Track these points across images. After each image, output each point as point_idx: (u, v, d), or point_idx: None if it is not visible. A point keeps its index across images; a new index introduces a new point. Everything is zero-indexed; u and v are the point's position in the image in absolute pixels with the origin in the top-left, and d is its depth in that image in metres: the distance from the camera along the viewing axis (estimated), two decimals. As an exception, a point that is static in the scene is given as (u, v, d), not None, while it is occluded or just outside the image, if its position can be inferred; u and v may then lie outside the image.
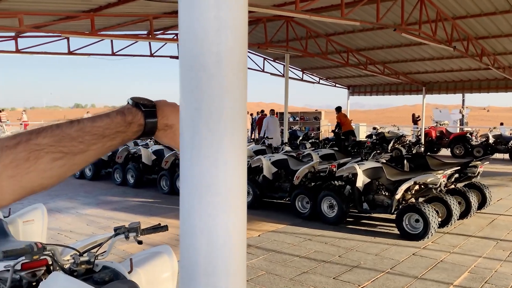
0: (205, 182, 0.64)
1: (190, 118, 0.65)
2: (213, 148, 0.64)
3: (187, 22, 0.64)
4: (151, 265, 2.65)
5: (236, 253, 0.67)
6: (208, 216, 0.64)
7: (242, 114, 0.66)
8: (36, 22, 8.59)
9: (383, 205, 6.88)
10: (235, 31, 0.63)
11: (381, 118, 69.57)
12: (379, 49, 13.88)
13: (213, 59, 0.63)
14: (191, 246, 0.66)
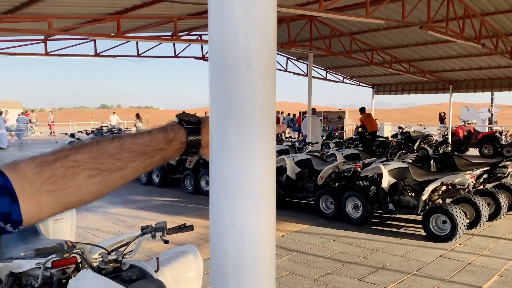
0: (234, 184, 0.65)
1: (220, 121, 0.65)
2: (243, 151, 0.64)
3: (216, 26, 0.64)
4: (177, 264, 2.68)
5: (265, 255, 0.67)
6: (237, 217, 0.65)
7: (271, 117, 0.67)
8: (64, 25, 8.81)
9: (409, 206, 6.77)
10: (264, 34, 0.64)
11: (407, 117, 68.38)
12: (404, 47, 13.66)
13: (243, 62, 0.63)
14: (221, 247, 0.66)
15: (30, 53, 10.55)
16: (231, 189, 0.65)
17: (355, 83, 20.02)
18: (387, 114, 73.24)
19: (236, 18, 0.62)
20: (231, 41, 0.63)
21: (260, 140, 0.65)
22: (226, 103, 0.64)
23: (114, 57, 12.12)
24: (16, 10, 7.15)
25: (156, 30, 11.00)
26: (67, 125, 34.27)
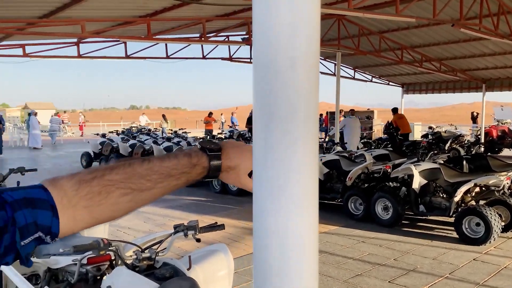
0: (278, 184, 0.65)
1: (264, 122, 0.66)
2: (287, 151, 0.65)
3: (261, 28, 0.65)
4: (208, 262, 2.71)
5: (308, 255, 0.68)
6: (281, 217, 0.66)
7: (314, 118, 0.67)
8: (96, 28, 9.03)
9: (440, 207, 6.63)
10: (308, 35, 0.64)
11: (437, 117, 66.88)
12: (435, 46, 13.37)
13: (287, 64, 0.64)
14: (264, 247, 0.67)
15: (64, 56, 10.87)
16: (275, 189, 0.66)
17: (384, 82, 19.73)
18: (416, 114, 71.83)
19: (281, 20, 0.63)
20: (276, 43, 0.64)
21: (303, 141, 0.65)
22: (270, 104, 0.65)
23: (144, 59, 12.35)
24: (51, 14, 7.38)
25: (184, 32, 11.14)
26: (98, 125, 35.12)
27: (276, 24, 0.63)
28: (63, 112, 39.94)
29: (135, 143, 12.63)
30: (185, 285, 2.24)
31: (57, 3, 6.82)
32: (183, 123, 34.90)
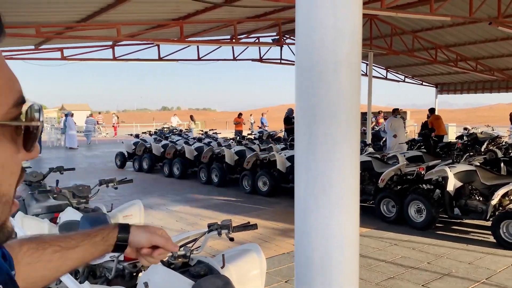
0: (321, 184, 0.68)
1: (306, 123, 0.68)
2: (329, 152, 0.67)
3: (305, 32, 0.68)
4: (241, 262, 2.74)
5: (350, 252, 0.69)
6: (323, 216, 0.68)
7: (356, 119, 0.69)
8: (131, 32, 9.26)
9: (476, 210, 6.45)
10: (351, 39, 0.66)
11: (472, 117, 64.82)
12: (471, 45, 13.00)
13: (330, 67, 0.66)
14: (307, 244, 0.70)
15: (100, 59, 11.20)
16: (317, 189, 0.68)
17: (417, 82, 19.35)
18: (451, 114, 69.90)
19: (325, 24, 0.65)
20: (319, 46, 0.66)
21: (345, 143, 0.67)
22: (313, 105, 0.67)
23: (176, 61, 12.56)
24: (88, 18, 7.63)
25: (215, 34, 11.27)
26: (131, 126, 35.91)
27: (319, 28, 0.66)
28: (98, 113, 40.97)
29: (167, 144, 12.86)
30: (219, 283, 2.28)
31: (94, 7, 7.05)
32: (212, 124, 35.22)
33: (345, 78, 0.66)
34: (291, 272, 5.02)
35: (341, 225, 0.68)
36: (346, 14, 0.66)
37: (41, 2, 6.20)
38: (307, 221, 0.70)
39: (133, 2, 6.60)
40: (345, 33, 0.66)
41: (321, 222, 0.68)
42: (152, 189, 10.29)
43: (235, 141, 12.69)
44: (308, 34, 0.68)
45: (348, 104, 0.66)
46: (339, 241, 0.68)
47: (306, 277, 0.70)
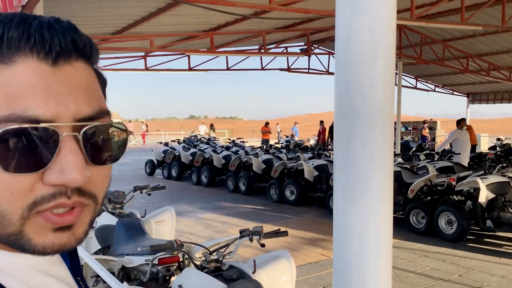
0: (358, 188, 0.75)
1: (345, 135, 0.76)
2: (366, 160, 0.74)
3: (344, 50, 0.76)
4: (271, 268, 2.81)
5: (384, 250, 0.76)
6: (360, 218, 0.75)
7: (390, 131, 0.76)
8: (163, 43, 9.53)
9: (510, 223, 6.30)
10: (386, 58, 0.74)
11: (506, 128, 62.87)
12: (504, 53, 12.74)
13: (367, 83, 0.73)
14: (344, 243, 0.77)
15: (132, 69, 11.54)
16: (355, 192, 0.75)
17: (448, 91, 19.02)
18: (483, 124, 68.05)
19: (363, 45, 0.73)
20: (357, 64, 0.74)
21: (381, 152, 0.75)
22: (351, 118, 0.75)
23: (206, 71, 12.80)
24: (123, 30, 7.92)
25: (244, 44, 11.45)
26: (160, 134, 36.56)
27: (358, 47, 0.74)
28: (128, 122, 41.87)
29: (196, 152, 13.06)
30: (251, 286, 2.36)
31: (129, 20, 7.32)
32: (239, 133, 35.48)
33: (381, 93, 0.73)
34: (318, 281, 5.03)
35: (376, 226, 0.75)
36: (383, 34, 0.73)
37: (79, 16, 6.51)
38: (344, 221, 0.77)
39: (167, 14, 6.83)
40: (381, 52, 0.73)
41: (357, 222, 0.75)
42: (181, 197, 10.47)
43: (262, 150, 12.77)
44: (347, 52, 0.75)
45: (383, 117, 0.73)
46: (374, 241, 0.75)
47: (343, 273, 0.77)
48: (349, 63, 0.72)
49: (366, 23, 0.70)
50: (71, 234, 0.53)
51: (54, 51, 0.49)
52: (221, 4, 4.73)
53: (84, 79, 0.53)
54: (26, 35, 0.49)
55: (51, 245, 0.52)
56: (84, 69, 0.53)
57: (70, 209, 0.52)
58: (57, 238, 0.52)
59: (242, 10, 6.86)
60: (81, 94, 0.51)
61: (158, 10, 6.69)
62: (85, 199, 0.53)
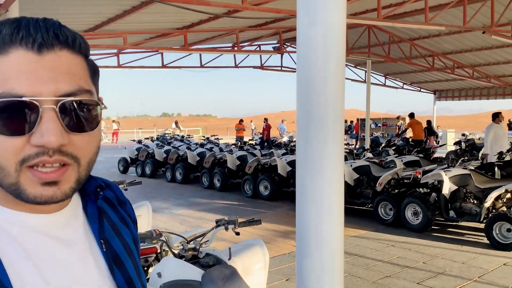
0: (315, 166, 0.92)
1: (304, 123, 0.93)
2: (321, 143, 0.91)
3: (303, 56, 0.92)
4: (246, 255, 2.97)
5: (336, 216, 0.93)
6: (316, 189, 0.92)
7: (341, 119, 0.93)
8: (136, 40, 9.54)
9: (471, 213, 6.67)
10: (337, 60, 0.91)
11: (473, 124, 65.14)
12: (467, 52, 13.29)
13: (322, 82, 0.90)
14: (304, 211, 0.94)
15: (105, 66, 11.48)
16: (313, 170, 0.92)
17: (416, 89, 19.62)
18: (451, 120, 70.19)
19: (318, 50, 0.89)
20: (314, 66, 0.91)
21: (333, 137, 0.92)
22: (309, 110, 0.92)
23: (179, 68, 12.84)
24: (96, 28, 7.91)
25: (218, 42, 11.55)
26: (132, 132, 36.17)
27: (313, 51, 0.90)
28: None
29: (170, 149, 13.10)
30: (227, 271, 2.51)
31: (102, 18, 7.33)
32: (214, 130, 35.50)
33: (333, 89, 0.90)
34: (291, 271, 5.23)
35: (330, 197, 0.92)
36: (333, 43, 0.90)
37: (51, 14, 6.48)
38: (304, 195, 0.94)
39: (140, 12, 6.88)
40: (333, 57, 0.90)
41: (315, 194, 0.91)
42: (155, 194, 10.51)
43: (236, 147, 12.93)
44: (305, 57, 0.92)
45: (334, 108, 0.90)
46: (328, 208, 0.92)
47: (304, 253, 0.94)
48: (307, 65, 0.89)
49: (320, 32, 0.86)
50: (57, 189, 0.67)
51: (37, 42, 0.63)
52: (195, 3, 4.85)
53: (66, 64, 0.66)
54: (16, 31, 0.63)
55: (40, 195, 0.66)
56: (67, 57, 0.66)
57: (57, 169, 0.66)
58: (45, 190, 0.66)
59: (215, 9, 6.99)
60: (61, 76, 0.65)
61: (132, 8, 6.74)
62: (67, 159, 0.66)
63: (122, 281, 0.79)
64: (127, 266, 0.82)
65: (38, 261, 0.70)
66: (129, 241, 0.85)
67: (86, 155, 0.71)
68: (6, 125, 0.63)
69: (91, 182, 0.85)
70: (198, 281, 2.46)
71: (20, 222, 0.71)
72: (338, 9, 0.86)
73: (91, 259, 0.77)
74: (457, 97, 19.27)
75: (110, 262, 0.80)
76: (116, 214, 0.87)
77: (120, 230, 0.85)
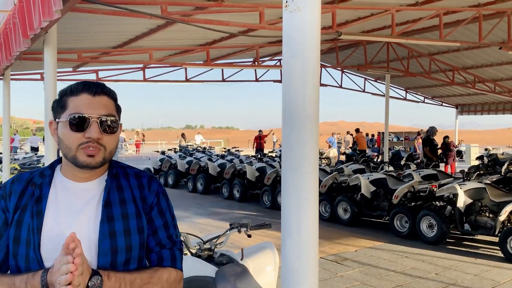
0: (294, 166, 1.18)
1: (287, 134, 1.19)
2: (300, 148, 1.17)
3: (286, 81, 1.19)
4: (257, 257, 3.21)
5: (311, 204, 1.19)
6: (296, 184, 1.18)
7: (315, 131, 1.19)
8: (161, 56, 9.99)
9: (486, 226, 6.73)
10: (312, 85, 1.17)
11: (500, 139, 63.65)
12: (488, 67, 13.29)
13: (300, 101, 1.17)
14: (286, 203, 1.20)
15: (131, 80, 12.00)
16: (293, 169, 1.18)
17: (437, 103, 19.56)
18: (476, 135, 68.78)
19: (297, 77, 1.16)
20: (294, 89, 1.18)
21: (309, 144, 1.18)
22: (290, 124, 1.18)
23: (202, 82, 13.27)
24: (124, 44, 8.38)
25: (239, 57, 11.93)
26: (156, 144, 36.91)
27: (293, 78, 1.17)
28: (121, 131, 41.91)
29: (192, 160, 13.47)
30: (238, 269, 2.77)
31: (130, 35, 7.79)
32: (236, 142, 35.88)
33: (309, 106, 1.16)
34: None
35: (307, 189, 1.17)
36: (309, 71, 1.17)
37: (83, 33, 6.97)
38: (286, 190, 1.20)
39: (165, 31, 7.29)
40: (308, 82, 1.17)
41: (295, 188, 1.17)
42: (177, 203, 10.85)
43: (256, 159, 13.21)
44: (287, 82, 1.18)
45: (310, 123, 1.16)
46: (305, 200, 1.17)
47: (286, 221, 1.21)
48: (289, 88, 1.16)
49: (299, 63, 1.14)
50: (93, 159, 1.36)
51: (93, 91, 1.37)
52: (215, 24, 5.19)
53: (104, 102, 1.39)
54: (82, 86, 1.38)
55: (85, 161, 1.35)
56: (105, 99, 1.40)
57: (94, 149, 1.35)
58: (88, 159, 1.35)
59: (235, 29, 7.35)
60: (101, 107, 1.37)
61: (157, 27, 7.16)
62: (100, 146, 1.36)
63: (105, 231, 1.36)
64: (116, 224, 1.38)
65: (59, 204, 1.39)
66: (130, 212, 1.43)
67: (109, 146, 1.40)
68: (75, 127, 1.35)
69: (113, 169, 1.49)
70: (212, 277, 2.72)
71: (65, 184, 1.43)
72: (313, 46, 1.13)
73: (93, 212, 1.39)
74: (479, 112, 19.13)
75: (103, 217, 1.37)
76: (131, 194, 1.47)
77: (127, 203, 1.44)
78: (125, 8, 4.67)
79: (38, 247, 1.32)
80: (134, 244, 1.41)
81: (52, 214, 1.36)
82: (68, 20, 5.66)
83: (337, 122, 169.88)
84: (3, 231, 1.38)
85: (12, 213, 1.37)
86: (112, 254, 1.36)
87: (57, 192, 1.40)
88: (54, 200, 1.39)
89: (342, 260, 6.28)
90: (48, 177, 1.43)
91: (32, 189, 1.39)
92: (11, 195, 1.39)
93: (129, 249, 1.39)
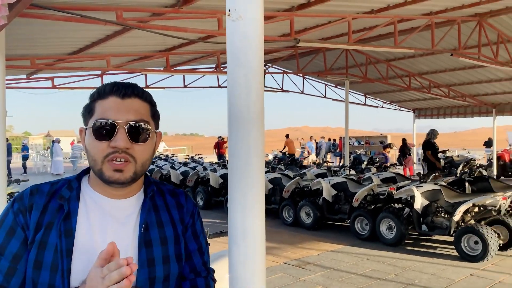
0: (240, 169, 1.17)
1: (233, 138, 1.18)
2: (245, 152, 1.17)
3: (231, 88, 1.18)
4: (216, 265, 3.18)
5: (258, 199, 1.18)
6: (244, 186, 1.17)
7: (261, 136, 1.19)
8: (120, 62, 9.79)
9: (442, 227, 6.96)
10: (256, 92, 1.17)
11: (457, 141, 66.27)
12: (442, 72, 13.82)
13: (245, 108, 1.16)
14: (233, 203, 1.19)
15: (89, 87, 11.67)
16: (239, 172, 1.17)
17: (395, 107, 20.14)
18: (434, 138, 71.13)
19: (241, 85, 1.16)
20: (239, 97, 1.17)
21: (254, 148, 1.17)
22: (236, 129, 1.17)
23: (163, 89, 13.10)
24: (80, 51, 8.16)
25: (201, 63, 11.87)
26: (118, 152, 35.93)
27: (238, 86, 1.17)
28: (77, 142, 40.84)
29: (154, 168, 13.24)
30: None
31: (86, 41, 7.59)
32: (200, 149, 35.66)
33: (254, 113, 1.16)
34: (268, 285, 5.42)
35: (252, 190, 1.16)
36: (253, 80, 1.17)
37: (38, 39, 6.73)
38: (234, 192, 1.19)
39: (123, 37, 7.16)
40: (252, 90, 1.17)
41: (242, 190, 1.16)
42: (139, 212, 10.61)
43: (220, 165, 13.14)
44: (232, 89, 1.19)
45: (256, 127, 1.16)
46: (252, 199, 1.17)
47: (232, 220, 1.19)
48: (234, 95, 1.15)
49: (242, 71, 1.13)
50: (121, 175, 1.15)
51: (122, 93, 1.17)
52: (173, 30, 5.14)
53: (136, 106, 1.18)
54: (110, 87, 1.18)
55: (112, 177, 1.14)
56: (137, 102, 1.19)
57: (122, 163, 1.14)
58: (114, 174, 1.14)
59: (194, 35, 7.31)
60: (131, 111, 1.16)
61: (114, 33, 7.01)
62: (129, 157, 1.15)
63: (144, 259, 1.18)
64: (154, 250, 1.20)
65: (92, 223, 1.17)
66: (168, 235, 1.25)
67: (141, 158, 1.18)
68: (99, 134, 1.14)
69: (151, 186, 1.29)
70: None
71: (96, 200, 1.21)
72: (256, 55, 1.13)
73: (129, 235, 1.20)
74: (435, 116, 19.83)
75: (141, 242, 1.19)
76: (168, 215, 1.28)
77: (164, 226, 1.26)
78: (78, 14, 4.54)
79: (67, 273, 1.11)
80: (173, 273, 1.24)
81: (85, 235, 1.15)
82: (19, 26, 5.46)
83: (301, 127, 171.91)
84: (22, 252, 1.14)
85: (33, 231, 1.14)
86: (150, 285, 1.19)
87: (88, 208, 1.19)
88: (86, 217, 1.18)
89: (304, 264, 6.33)
90: (75, 190, 1.21)
91: (58, 204, 1.17)
92: (32, 210, 1.16)
93: (166, 279, 1.22)
